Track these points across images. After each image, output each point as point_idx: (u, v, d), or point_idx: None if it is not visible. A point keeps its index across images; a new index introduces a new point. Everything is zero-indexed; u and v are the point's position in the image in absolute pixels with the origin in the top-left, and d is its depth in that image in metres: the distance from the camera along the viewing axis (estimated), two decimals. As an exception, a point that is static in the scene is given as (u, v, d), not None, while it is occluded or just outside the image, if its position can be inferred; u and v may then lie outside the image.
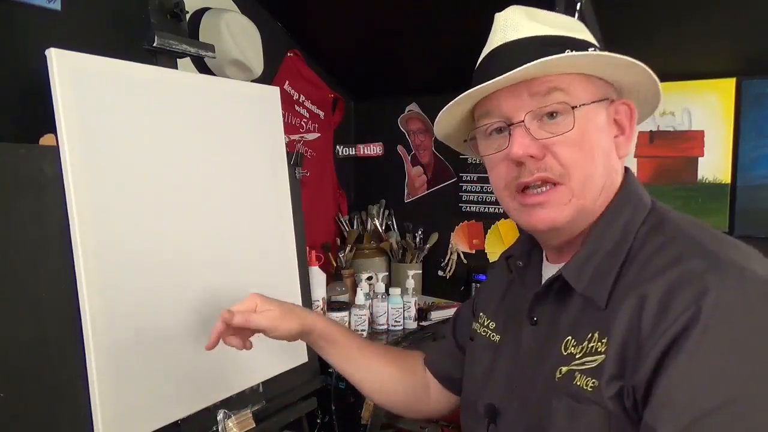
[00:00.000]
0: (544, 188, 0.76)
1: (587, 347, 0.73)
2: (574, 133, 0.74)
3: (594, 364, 0.71)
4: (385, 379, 1.09)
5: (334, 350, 1.07)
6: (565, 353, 0.75)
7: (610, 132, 0.78)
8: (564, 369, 0.75)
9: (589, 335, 0.73)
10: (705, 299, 0.63)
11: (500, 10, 0.80)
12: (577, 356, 0.74)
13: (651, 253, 0.72)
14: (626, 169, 0.82)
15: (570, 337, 0.76)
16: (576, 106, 0.74)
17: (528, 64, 0.71)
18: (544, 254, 0.88)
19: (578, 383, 0.72)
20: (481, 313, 0.97)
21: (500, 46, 0.78)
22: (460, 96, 0.78)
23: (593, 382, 0.70)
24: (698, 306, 0.63)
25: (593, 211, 0.78)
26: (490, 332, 0.93)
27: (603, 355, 0.70)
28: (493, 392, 0.86)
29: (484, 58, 0.81)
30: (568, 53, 0.73)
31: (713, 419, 0.60)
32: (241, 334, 0.98)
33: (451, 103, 0.80)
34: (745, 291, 0.64)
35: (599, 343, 0.72)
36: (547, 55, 0.71)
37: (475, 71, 0.82)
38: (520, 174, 0.76)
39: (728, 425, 0.59)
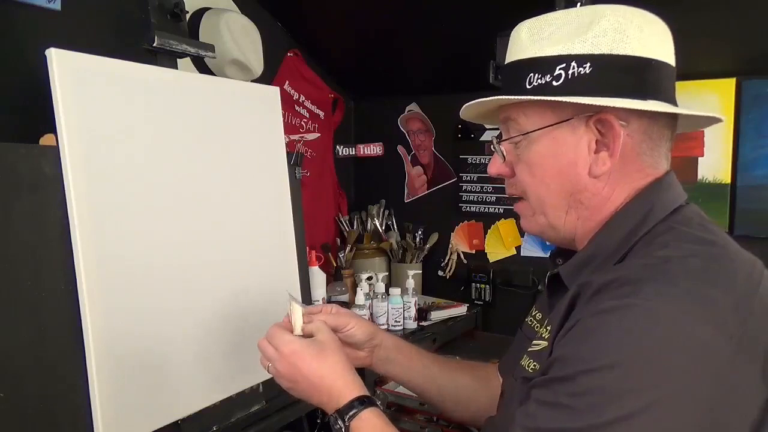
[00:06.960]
0: (517, 200, 0.84)
1: (541, 332, 0.79)
2: (525, 159, 0.79)
3: (538, 348, 0.77)
4: (461, 390, 1.06)
5: (406, 361, 1.05)
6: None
7: (579, 151, 0.75)
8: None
9: (546, 322, 0.80)
10: (603, 311, 0.65)
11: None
12: (534, 341, 0.80)
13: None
14: (664, 174, 0.78)
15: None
16: (526, 133, 0.78)
17: (465, 107, 0.83)
18: None
19: (523, 363, 0.78)
20: (534, 306, 0.99)
21: (506, 65, 0.82)
22: (467, 104, 0.85)
23: (534, 365, 0.76)
24: (596, 312, 0.65)
25: (570, 227, 0.79)
26: (536, 323, 0.94)
27: (546, 342, 0.75)
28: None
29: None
30: (491, 98, 0.79)
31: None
32: None
33: (467, 104, 0.85)
34: (626, 318, 0.63)
35: (544, 329, 0.78)
36: (517, 83, 0.77)
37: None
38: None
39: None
